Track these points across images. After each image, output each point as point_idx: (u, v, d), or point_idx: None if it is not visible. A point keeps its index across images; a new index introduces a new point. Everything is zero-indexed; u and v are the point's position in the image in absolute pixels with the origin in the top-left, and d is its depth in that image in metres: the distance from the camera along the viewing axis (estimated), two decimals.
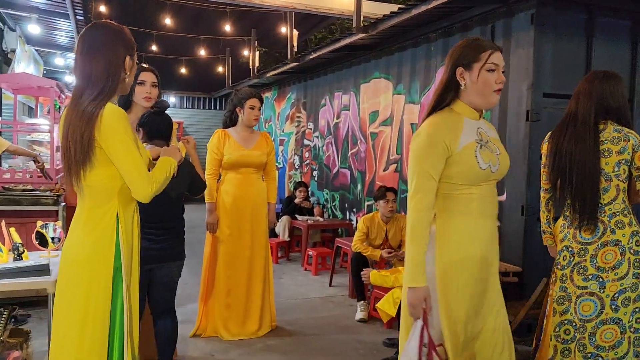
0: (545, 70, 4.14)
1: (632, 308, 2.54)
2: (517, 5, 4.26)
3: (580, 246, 2.62)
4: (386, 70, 6.32)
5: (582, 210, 2.60)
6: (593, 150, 2.58)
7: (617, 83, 2.69)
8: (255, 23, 10.66)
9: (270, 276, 4.08)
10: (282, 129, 9.92)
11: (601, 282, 2.56)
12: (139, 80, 2.84)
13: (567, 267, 2.67)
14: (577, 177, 2.60)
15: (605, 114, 2.65)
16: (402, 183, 5.93)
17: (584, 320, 2.58)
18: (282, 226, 6.89)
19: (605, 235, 2.57)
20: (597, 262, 2.57)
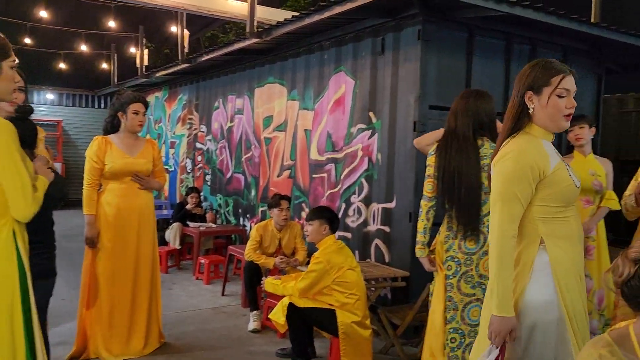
0: (430, 84, 4.36)
1: None
2: (405, 20, 4.44)
3: (466, 256, 2.79)
4: (280, 76, 6.30)
5: (467, 222, 2.78)
6: (476, 166, 2.77)
7: (488, 101, 2.94)
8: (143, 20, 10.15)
9: (157, 289, 3.87)
10: (174, 130, 9.54)
11: (484, 288, 2.73)
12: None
13: (454, 277, 2.83)
14: (463, 191, 2.77)
15: (481, 130, 2.85)
16: (295, 189, 5.94)
17: (474, 324, 2.75)
18: (173, 233, 6.60)
19: (485, 245, 2.76)
20: (480, 270, 2.77)
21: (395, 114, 4.57)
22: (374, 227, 4.79)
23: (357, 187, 5.02)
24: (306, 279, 3.46)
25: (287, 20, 5.05)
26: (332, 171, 5.36)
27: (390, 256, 4.59)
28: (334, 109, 5.35)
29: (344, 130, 5.20)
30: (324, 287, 3.45)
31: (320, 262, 3.45)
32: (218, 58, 6.86)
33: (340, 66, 5.28)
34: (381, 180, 4.72)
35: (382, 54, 4.72)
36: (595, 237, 3.75)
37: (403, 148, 4.46)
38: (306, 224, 3.70)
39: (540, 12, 4.07)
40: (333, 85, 5.38)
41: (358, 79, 5.03)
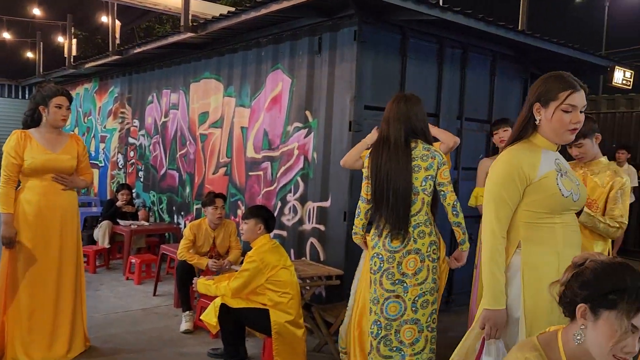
0: (366, 84, 4.42)
1: (430, 310, 2.92)
2: (342, 21, 4.47)
3: (389, 254, 2.91)
4: (217, 71, 6.19)
5: (395, 222, 2.88)
6: (406, 169, 2.88)
7: (418, 105, 3.04)
8: (71, 8, 9.65)
9: (82, 291, 3.69)
10: (104, 124, 9.15)
11: (405, 286, 2.89)
12: None
13: (378, 272, 2.96)
14: (393, 194, 2.88)
15: (414, 133, 2.95)
16: (231, 187, 5.86)
17: (391, 319, 2.91)
18: (102, 232, 6.34)
19: (409, 244, 2.88)
20: (402, 268, 2.89)
21: (332, 113, 4.60)
22: (310, 225, 4.81)
23: (293, 185, 5.01)
24: (239, 278, 3.42)
25: (223, 15, 4.96)
26: (269, 169, 5.33)
27: (325, 255, 4.62)
28: (271, 107, 5.32)
29: (280, 128, 5.18)
30: (257, 286, 3.42)
31: (254, 261, 3.43)
32: (152, 51, 6.64)
33: (277, 64, 5.25)
34: (317, 179, 4.74)
35: (319, 53, 4.74)
36: None
37: (339, 147, 4.49)
38: (242, 222, 3.65)
39: (470, 18, 4.22)
40: (270, 82, 5.34)
41: (295, 78, 5.02)
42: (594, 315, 1.42)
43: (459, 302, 5.26)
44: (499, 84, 5.44)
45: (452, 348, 3.72)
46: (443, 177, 2.91)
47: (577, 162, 3.22)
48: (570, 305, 1.48)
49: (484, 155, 5.39)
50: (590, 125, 3.06)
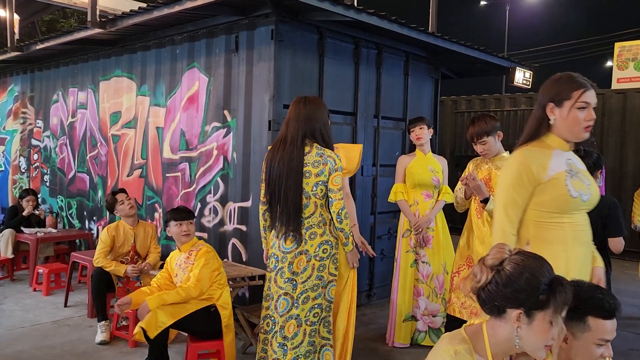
0: (284, 83, 4.42)
1: (310, 305, 3.02)
2: (259, 19, 4.45)
3: (282, 254, 3.02)
4: (129, 69, 5.93)
5: (288, 224, 2.97)
6: (297, 172, 2.94)
7: (319, 106, 3.08)
8: None
9: None
10: (3, 126, 8.48)
11: (294, 284, 3.01)
12: None
13: (273, 271, 3.07)
14: (284, 195, 2.95)
15: (312, 136, 3.01)
16: (147, 189, 5.65)
17: (280, 315, 3.01)
18: (4, 242, 5.87)
19: (300, 245, 2.99)
20: (293, 267, 3.00)
21: (251, 112, 4.57)
22: (231, 226, 4.75)
23: (213, 186, 4.92)
24: (203, 267, 3.33)
25: (134, 11, 4.76)
26: (187, 170, 5.19)
27: (248, 255, 4.58)
28: (188, 106, 5.19)
29: (198, 128, 5.06)
30: (215, 276, 3.41)
31: (210, 250, 3.47)
32: (56, 47, 6.23)
33: (193, 62, 5.12)
34: (237, 179, 4.69)
35: (236, 52, 4.68)
36: (434, 228, 4.12)
37: (259, 147, 4.47)
38: (187, 222, 3.53)
39: (384, 19, 4.35)
40: (186, 81, 5.21)
41: (212, 76, 4.92)
42: (529, 318, 1.50)
43: (380, 295, 5.43)
44: (413, 83, 5.65)
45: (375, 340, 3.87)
46: (334, 183, 2.96)
47: (482, 158, 3.43)
48: (490, 302, 1.54)
49: (400, 152, 5.60)
50: (493, 123, 3.28)
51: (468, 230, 3.46)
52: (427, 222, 4.08)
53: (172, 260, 3.60)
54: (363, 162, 5.18)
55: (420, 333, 4.15)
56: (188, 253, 3.51)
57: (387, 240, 5.52)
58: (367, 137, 5.24)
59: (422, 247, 4.10)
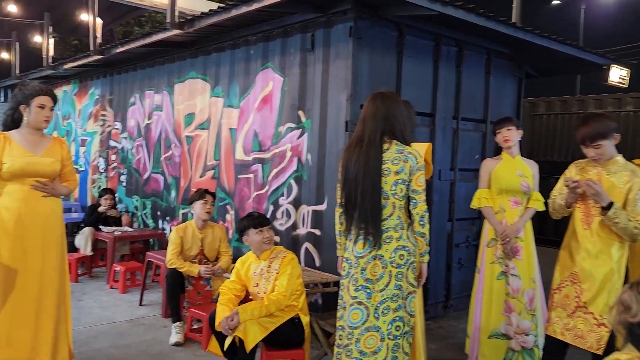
0: (362, 82, 4.26)
1: (391, 317, 2.75)
2: (336, 16, 4.31)
3: (355, 259, 2.78)
4: (203, 71, 5.97)
5: (365, 226, 2.74)
6: (375, 171, 2.72)
7: (396, 102, 2.87)
8: (49, 6, 9.30)
9: (67, 304, 3.43)
10: (84, 127, 8.84)
11: (369, 292, 2.73)
12: None
13: (346, 278, 2.83)
14: (361, 196, 2.73)
15: (391, 134, 2.79)
16: (220, 191, 5.64)
17: (352, 327, 2.76)
18: (84, 239, 6.06)
19: (374, 249, 2.74)
20: (367, 274, 2.75)
21: (326, 113, 4.43)
22: (304, 230, 4.63)
23: (286, 188, 4.82)
24: (290, 275, 3.25)
25: (212, 11, 4.75)
26: (259, 172, 5.13)
27: (321, 260, 4.44)
28: (261, 107, 5.13)
29: (271, 129, 4.99)
30: (299, 284, 3.32)
31: (293, 257, 3.37)
32: (135, 50, 6.39)
33: (267, 62, 5.06)
34: (311, 181, 4.56)
35: (312, 50, 4.57)
36: (523, 238, 3.80)
37: (334, 148, 4.32)
38: (267, 229, 3.45)
39: (471, 13, 4.09)
40: (260, 82, 5.15)
41: (287, 76, 4.84)
42: None
43: (457, 307, 5.12)
44: (494, 82, 5.33)
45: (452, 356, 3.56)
46: (417, 183, 2.74)
47: (588, 161, 3.10)
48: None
49: (480, 155, 5.29)
50: (609, 124, 2.93)
51: (570, 242, 3.12)
52: (516, 231, 3.76)
53: (245, 268, 3.49)
54: (440, 166, 4.93)
55: (514, 353, 3.82)
56: (269, 261, 3.40)
57: (465, 248, 5.22)
58: (446, 139, 4.97)
59: (510, 259, 3.79)
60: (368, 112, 2.83)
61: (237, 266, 3.52)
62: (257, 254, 3.46)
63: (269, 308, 3.16)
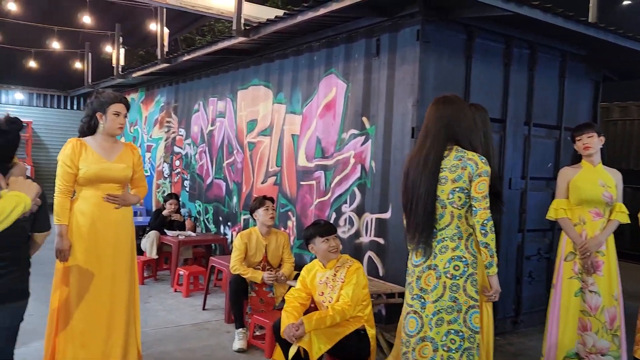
0: (429, 87, 4.12)
1: (445, 329, 2.63)
2: (403, 20, 4.21)
3: (412, 267, 2.73)
4: (266, 78, 6.01)
5: (420, 235, 2.66)
6: (431, 179, 2.62)
7: (461, 106, 2.74)
8: (119, 17, 9.70)
9: (136, 307, 3.50)
10: (150, 134, 9.14)
11: (423, 302, 2.67)
12: None
13: (407, 286, 2.77)
14: (416, 203, 2.66)
15: (455, 139, 2.67)
16: (281, 197, 5.64)
17: (409, 335, 2.70)
18: (150, 242, 6.22)
19: (429, 259, 2.66)
20: (421, 283, 2.68)
21: (391, 119, 4.33)
22: (367, 238, 4.53)
23: (349, 195, 4.75)
24: (355, 285, 3.19)
25: (278, 17, 4.76)
26: (322, 179, 5.09)
27: (385, 270, 4.33)
28: (324, 114, 5.09)
29: (334, 135, 4.93)
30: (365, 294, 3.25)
31: (359, 266, 3.32)
32: (199, 58, 6.53)
33: (331, 68, 5.02)
34: (375, 189, 4.47)
35: (377, 55, 4.48)
36: (605, 252, 3.55)
37: (400, 155, 4.21)
38: (333, 237, 3.40)
39: (548, 13, 3.87)
40: (323, 88, 5.12)
41: (350, 82, 4.77)
42: None
43: (528, 322, 4.86)
44: (569, 86, 5.05)
45: None
46: (477, 190, 2.57)
47: None
48: None
49: (553, 163, 5.03)
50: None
51: None
52: (598, 245, 3.51)
53: (311, 276, 3.44)
54: (511, 174, 4.71)
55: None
56: (335, 269, 3.33)
57: (537, 261, 4.95)
58: (516, 146, 4.74)
59: (590, 274, 3.54)
60: (430, 117, 2.73)
61: (302, 274, 3.48)
62: (323, 263, 3.40)
63: (334, 318, 3.09)
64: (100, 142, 3.29)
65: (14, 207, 1.51)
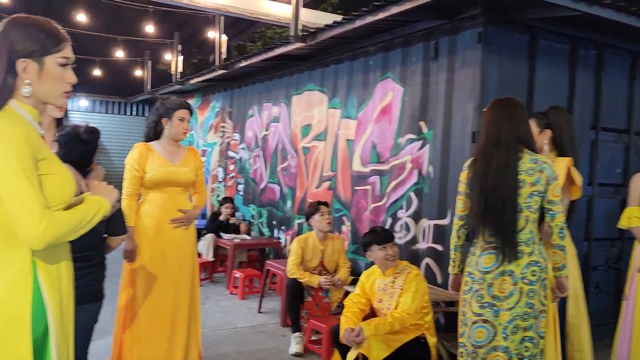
0: (491, 91, 4.02)
1: (520, 336, 2.56)
2: (463, 22, 4.12)
3: (480, 274, 2.63)
4: (321, 83, 6.03)
5: (499, 240, 2.57)
6: (515, 179, 2.57)
7: (523, 109, 2.73)
8: (178, 26, 10.01)
9: (197, 307, 3.57)
10: (205, 138, 9.36)
11: (496, 310, 2.58)
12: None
13: (469, 293, 2.67)
14: (500, 208, 2.56)
15: (525, 142, 2.65)
16: (336, 202, 5.63)
17: (477, 346, 2.60)
18: (206, 245, 6.36)
19: (503, 265, 2.57)
20: (494, 291, 2.59)
21: (450, 123, 4.25)
22: (424, 244, 4.45)
23: (405, 201, 4.69)
24: (415, 292, 3.15)
25: (336, 22, 4.77)
26: (377, 184, 5.05)
27: (444, 277, 4.24)
28: (380, 118, 5.05)
29: (390, 140, 4.89)
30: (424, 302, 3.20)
31: (418, 273, 3.27)
32: (255, 64, 6.63)
33: (387, 72, 4.98)
34: (433, 194, 4.39)
35: (435, 59, 4.41)
36: None
37: (459, 160, 4.10)
38: (391, 245, 3.38)
39: (621, 12, 3.70)
40: (379, 92, 5.08)
41: (407, 86, 4.72)
42: None
43: (594, 335, 4.62)
44: None
45: None
46: (554, 194, 2.57)
47: None
48: None
49: (622, 169, 4.79)
50: None
51: None
52: None
53: (370, 282, 3.41)
54: None
55: None
56: (393, 276, 3.29)
57: (604, 272, 4.72)
58: (583, 151, 4.51)
59: None
60: (499, 115, 2.66)
61: (362, 279, 3.45)
62: (381, 270, 3.37)
63: (393, 325, 3.05)
64: (165, 146, 3.38)
65: (97, 211, 1.57)
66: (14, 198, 1.41)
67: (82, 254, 2.33)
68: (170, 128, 3.33)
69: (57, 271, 1.56)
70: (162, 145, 3.38)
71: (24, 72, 1.52)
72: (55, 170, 1.54)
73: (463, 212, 2.76)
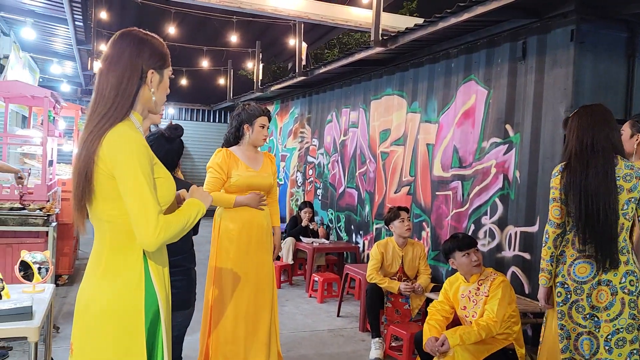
0: (585, 92, 3.81)
1: (628, 349, 2.46)
2: (554, 20, 3.94)
3: (576, 284, 2.55)
4: (400, 87, 5.98)
5: (599, 248, 2.49)
6: (615, 184, 2.50)
7: (613, 116, 2.67)
8: (258, 34, 10.33)
9: (276, 308, 3.65)
10: (285, 144, 9.56)
11: (596, 321, 2.53)
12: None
13: (565, 304, 2.59)
14: (602, 215, 2.49)
15: (616, 149, 2.60)
16: (415, 207, 5.55)
17: (585, 357, 2.55)
18: (286, 248, 6.48)
19: (599, 274, 2.50)
20: (592, 301, 2.52)
21: (540, 126, 4.06)
22: (511, 252, 4.28)
23: (489, 207, 4.53)
24: (501, 300, 3.06)
25: (417, 25, 4.72)
26: (459, 189, 4.92)
27: (531, 287, 4.05)
28: (462, 122, 4.93)
29: (473, 144, 4.75)
30: (512, 310, 3.12)
31: (504, 279, 3.17)
32: (334, 70, 6.69)
33: (470, 75, 4.85)
34: (520, 200, 4.21)
35: (523, 59, 4.24)
36: None
37: (549, 165, 3.92)
38: (474, 251, 3.30)
39: None
40: (461, 95, 4.96)
41: (492, 88, 4.57)
42: None
43: None
44: None
45: None
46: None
47: None
48: None
49: None
50: None
51: None
52: None
53: (454, 289, 3.33)
54: None
55: None
56: (477, 283, 3.20)
57: None
58: None
59: None
60: (593, 121, 2.60)
61: (445, 286, 3.38)
62: (465, 277, 3.28)
63: (479, 334, 2.96)
64: (244, 151, 3.49)
65: (196, 213, 1.65)
66: (134, 201, 1.52)
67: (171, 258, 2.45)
68: (251, 134, 3.43)
69: (162, 272, 1.68)
70: (242, 150, 3.49)
71: (150, 82, 1.67)
72: (162, 173, 1.66)
73: (560, 219, 2.64)
